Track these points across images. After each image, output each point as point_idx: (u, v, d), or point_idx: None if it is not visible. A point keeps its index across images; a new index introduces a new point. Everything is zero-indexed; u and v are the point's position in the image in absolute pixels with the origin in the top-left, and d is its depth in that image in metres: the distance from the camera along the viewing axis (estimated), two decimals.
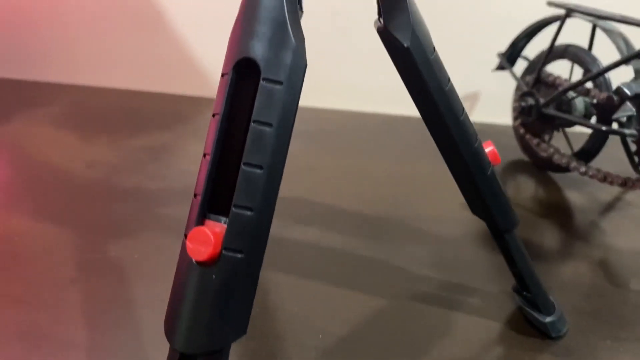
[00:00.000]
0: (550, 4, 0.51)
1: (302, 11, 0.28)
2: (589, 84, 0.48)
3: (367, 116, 0.66)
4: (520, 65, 0.57)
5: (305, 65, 0.26)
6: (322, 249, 0.43)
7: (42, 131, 0.61)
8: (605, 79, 0.47)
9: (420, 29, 0.29)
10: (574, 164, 0.48)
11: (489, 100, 0.63)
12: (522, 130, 0.54)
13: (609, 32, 0.48)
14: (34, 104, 0.68)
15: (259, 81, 0.25)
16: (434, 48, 0.30)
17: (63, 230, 0.44)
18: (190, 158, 0.56)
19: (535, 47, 0.55)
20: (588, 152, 0.50)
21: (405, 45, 0.29)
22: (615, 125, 0.46)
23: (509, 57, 0.57)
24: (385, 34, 0.29)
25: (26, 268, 0.40)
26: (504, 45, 0.57)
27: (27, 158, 0.56)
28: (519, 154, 0.57)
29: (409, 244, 0.44)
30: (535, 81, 0.52)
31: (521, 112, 0.52)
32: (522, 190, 0.53)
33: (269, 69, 0.25)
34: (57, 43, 0.73)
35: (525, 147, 0.55)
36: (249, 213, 0.25)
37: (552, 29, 0.53)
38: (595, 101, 0.47)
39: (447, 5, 0.59)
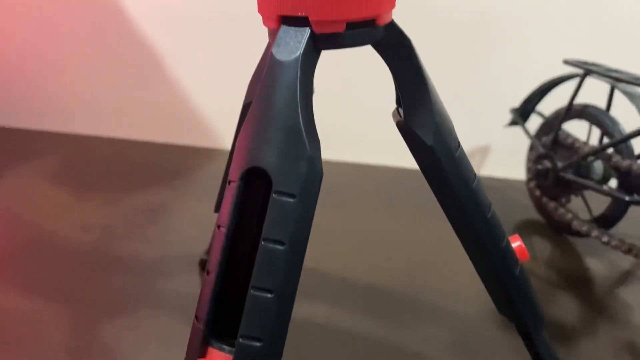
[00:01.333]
0: (567, 62, 0.49)
1: (313, 91, 0.26)
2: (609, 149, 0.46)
3: (375, 169, 0.63)
4: (534, 121, 0.54)
5: (322, 175, 0.23)
6: (331, 330, 0.40)
7: (35, 187, 0.58)
8: (627, 144, 0.45)
9: (445, 126, 0.27)
10: (595, 232, 0.46)
11: (500, 154, 0.61)
12: (537, 193, 0.51)
13: (629, 94, 0.46)
14: (27, 155, 0.65)
15: (270, 193, 0.23)
16: (458, 143, 0.28)
17: (54, 307, 0.41)
18: (189, 220, 0.54)
19: (549, 103, 0.53)
20: (609, 219, 0.47)
21: (429, 144, 0.26)
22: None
23: (522, 113, 0.55)
24: (405, 129, 0.27)
25: (11, 356, 0.37)
26: (517, 98, 0.55)
27: (17, 219, 0.53)
28: (532, 214, 0.54)
29: (425, 323, 0.41)
30: (553, 143, 0.49)
31: (537, 175, 0.50)
32: (538, 256, 0.50)
33: (282, 180, 0.23)
34: (53, 91, 0.71)
35: (541, 208, 0.52)
36: (257, 344, 0.22)
37: (568, 85, 0.51)
38: (617, 168, 0.45)
39: (461, 55, 0.57)
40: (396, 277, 0.46)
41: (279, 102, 0.23)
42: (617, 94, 0.47)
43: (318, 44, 0.24)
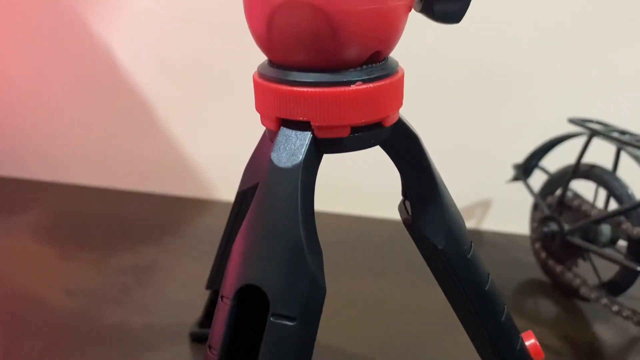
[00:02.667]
0: (572, 121, 0.48)
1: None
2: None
3: (372, 222, 0.61)
4: (538, 178, 0.53)
5: (324, 294, 0.21)
6: None
7: (18, 246, 0.56)
8: (637, 210, 0.43)
9: (456, 227, 0.25)
10: (604, 300, 0.44)
11: (504, 208, 0.59)
12: (543, 254, 0.49)
13: (637, 158, 0.44)
14: (12, 208, 0.63)
15: (267, 311, 0.21)
16: (471, 243, 0.26)
17: None
18: (180, 283, 0.51)
19: (555, 159, 0.51)
20: (619, 285, 0.45)
21: (439, 247, 0.24)
22: None
23: (525, 169, 0.53)
24: (414, 229, 0.25)
25: None
26: (521, 153, 0.53)
27: None
28: (538, 273, 0.52)
29: None
30: (558, 204, 0.48)
31: (542, 238, 0.48)
32: (543, 321, 0.48)
33: (280, 302, 0.21)
34: (39, 139, 0.68)
35: (547, 270, 0.50)
36: None
37: (574, 142, 0.50)
38: (627, 235, 0.43)
39: (466, 108, 0.56)
40: (396, 349, 0.44)
41: (278, 214, 0.21)
42: (624, 155, 0.46)
43: (320, 148, 0.22)
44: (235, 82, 0.59)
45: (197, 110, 0.63)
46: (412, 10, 0.22)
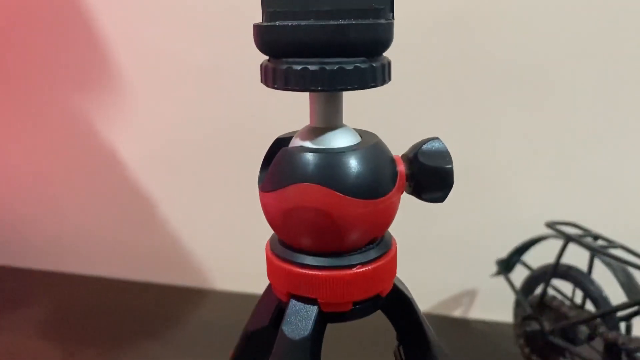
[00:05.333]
0: (549, 226, 0.52)
1: None
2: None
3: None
4: (521, 272, 0.56)
5: None
6: None
7: (21, 344, 0.58)
8: (613, 315, 0.47)
9: None
10: None
11: (489, 298, 0.62)
12: (527, 350, 0.52)
13: (608, 265, 0.48)
14: (15, 301, 0.65)
15: None
16: None
17: None
18: None
19: (538, 254, 0.55)
20: None
21: None
22: None
23: (507, 265, 0.56)
24: None
25: None
26: (506, 246, 0.57)
27: None
28: None
29: None
30: (539, 303, 0.51)
31: (525, 336, 0.51)
32: None
33: None
34: (44, 230, 0.71)
35: None
36: None
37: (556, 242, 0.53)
38: (603, 337, 0.46)
39: (454, 204, 0.59)
40: None
41: None
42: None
43: (325, 319, 0.25)
44: (233, 179, 0.63)
45: (196, 205, 0.66)
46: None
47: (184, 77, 0.62)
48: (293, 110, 0.36)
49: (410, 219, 0.54)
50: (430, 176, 0.25)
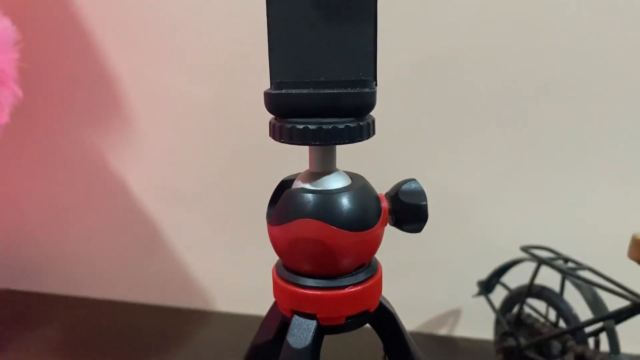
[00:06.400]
0: (523, 250, 0.57)
1: None
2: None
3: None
4: (500, 292, 0.61)
5: None
6: None
7: None
8: (581, 330, 0.52)
9: None
10: None
11: (472, 315, 0.67)
12: None
13: (577, 286, 0.53)
14: (27, 323, 0.69)
15: None
16: None
17: None
18: None
19: (516, 274, 0.60)
20: None
21: None
22: None
23: (487, 286, 0.62)
24: None
25: None
26: (487, 268, 0.62)
27: None
28: None
29: None
30: (515, 321, 0.56)
31: (504, 351, 0.56)
32: None
33: None
34: (54, 253, 0.76)
35: None
36: None
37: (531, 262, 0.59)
38: (572, 350, 0.51)
39: (439, 230, 0.64)
40: None
41: None
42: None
43: (323, 331, 0.30)
44: (234, 209, 0.68)
45: (199, 232, 0.71)
46: None
47: (188, 114, 0.67)
48: (288, 146, 0.41)
49: (400, 244, 0.60)
50: (409, 211, 0.30)
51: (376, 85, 0.28)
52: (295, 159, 0.47)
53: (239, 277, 0.70)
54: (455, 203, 0.64)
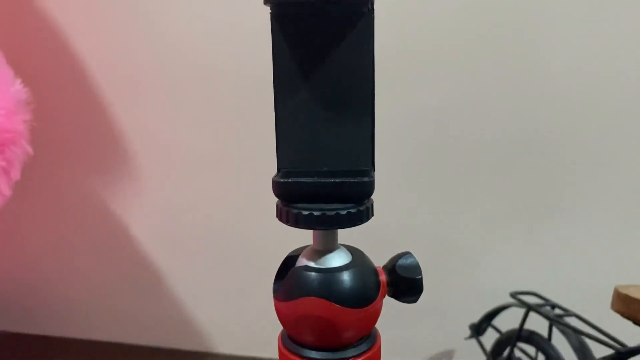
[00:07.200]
0: (512, 296, 0.59)
1: None
2: None
3: None
4: (491, 335, 0.63)
5: None
6: None
7: None
8: None
9: None
10: None
11: (465, 358, 0.69)
12: None
13: (564, 333, 0.55)
14: None
15: None
16: None
17: None
18: None
19: (508, 317, 0.62)
20: None
21: None
22: None
23: (478, 329, 0.64)
24: None
25: None
26: (479, 312, 0.64)
27: None
28: None
29: None
30: None
31: None
32: None
33: None
34: (56, 297, 0.77)
35: None
36: None
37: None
38: None
39: (434, 276, 0.66)
40: None
41: None
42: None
43: None
44: (232, 254, 0.70)
45: (199, 276, 0.73)
46: None
47: (188, 163, 0.69)
48: None
49: None
50: (406, 285, 0.32)
51: (374, 171, 0.31)
52: None
53: (238, 319, 0.72)
54: (450, 251, 0.66)
